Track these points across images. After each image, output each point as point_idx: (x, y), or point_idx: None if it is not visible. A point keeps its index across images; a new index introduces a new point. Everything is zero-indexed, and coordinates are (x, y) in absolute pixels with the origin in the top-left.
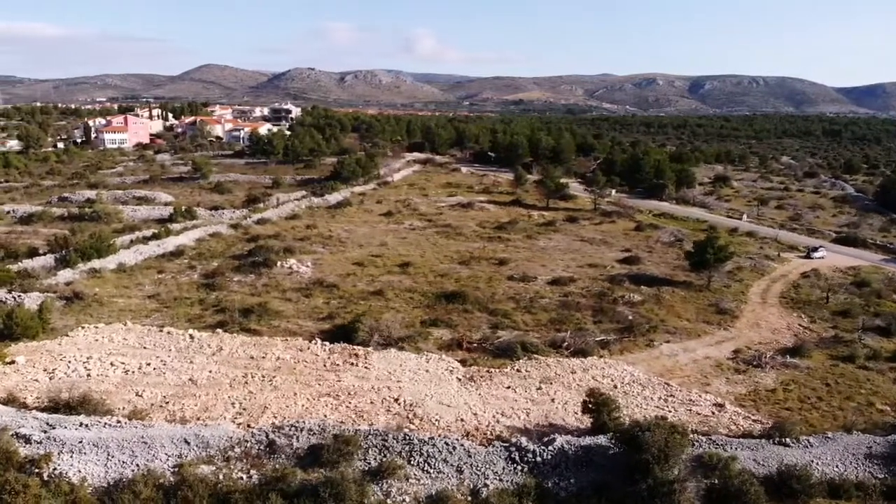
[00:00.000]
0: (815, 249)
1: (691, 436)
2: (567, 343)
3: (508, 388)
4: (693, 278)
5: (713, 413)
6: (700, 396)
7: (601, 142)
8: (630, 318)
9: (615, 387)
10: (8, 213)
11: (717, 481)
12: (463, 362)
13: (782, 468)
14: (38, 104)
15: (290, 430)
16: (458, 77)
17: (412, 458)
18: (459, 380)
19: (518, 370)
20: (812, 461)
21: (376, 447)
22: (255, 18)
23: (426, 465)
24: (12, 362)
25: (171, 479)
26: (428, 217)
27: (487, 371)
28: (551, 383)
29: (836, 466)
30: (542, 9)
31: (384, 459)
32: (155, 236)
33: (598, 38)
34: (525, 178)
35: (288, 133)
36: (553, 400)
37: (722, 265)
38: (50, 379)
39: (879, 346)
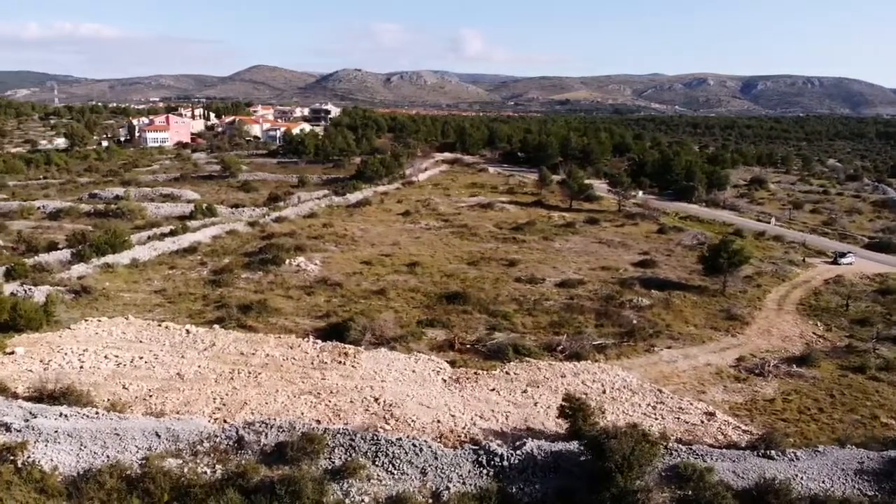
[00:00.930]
0: (844, 255)
1: (671, 445)
2: (562, 346)
3: (493, 390)
4: (708, 283)
5: (702, 422)
6: (691, 404)
7: (640, 142)
8: (634, 322)
9: (604, 392)
10: (38, 208)
11: (690, 493)
12: (452, 363)
13: (761, 481)
14: (93, 103)
15: (260, 426)
16: (504, 77)
17: (377, 459)
18: (445, 381)
19: (507, 372)
20: (796, 475)
21: (343, 446)
22: (305, 20)
23: (391, 465)
24: (12, 353)
25: (138, 470)
26: (445, 217)
27: (475, 373)
28: (538, 387)
29: (823, 482)
30: (593, 8)
31: (348, 459)
32: (172, 233)
33: (649, 37)
34: (550, 179)
35: (320, 133)
36: (536, 404)
37: (737, 270)
38: (44, 370)
39: (894, 357)
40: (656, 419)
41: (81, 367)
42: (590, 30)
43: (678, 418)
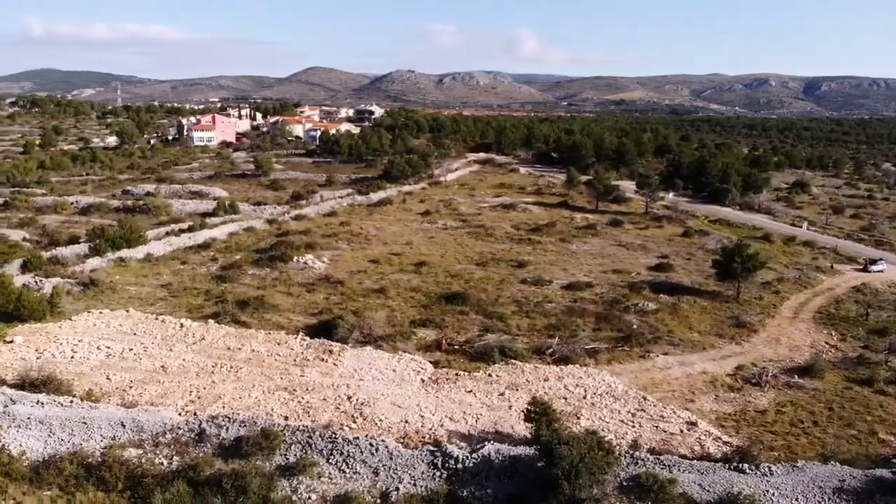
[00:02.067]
0: (875, 262)
1: (639, 454)
2: (552, 350)
3: (470, 391)
4: (723, 288)
5: (681, 431)
6: (674, 413)
7: (684, 144)
8: (635, 326)
9: (584, 397)
10: (72, 203)
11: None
12: (435, 364)
13: (726, 496)
14: (151, 103)
15: (222, 420)
16: (558, 77)
17: (332, 457)
18: (423, 381)
19: (489, 374)
20: (767, 491)
21: (300, 444)
22: (361, 23)
23: (344, 464)
24: (11, 341)
25: (99, 458)
26: (464, 217)
27: (456, 374)
28: (517, 390)
29: (796, 499)
30: (652, 7)
31: (302, 456)
32: (190, 229)
33: (708, 36)
34: (578, 180)
35: (356, 133)
36: (511, 407)
37: (752, 275)
38: (37, 359)
39: None
40: (633, 427)
41: (72, 357)
42: (648, 29)
43: (657, 427)
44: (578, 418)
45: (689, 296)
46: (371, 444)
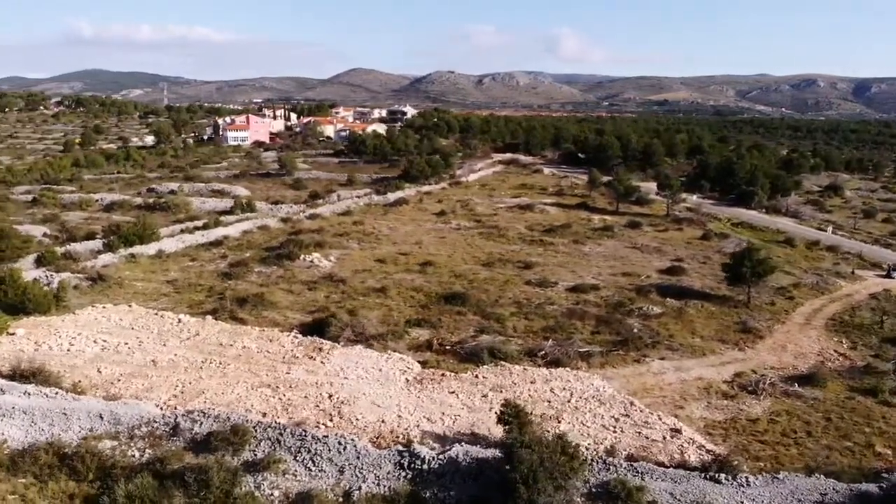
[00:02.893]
0: None
1: (613, 460)
2: (544, 352)
3: (452, 392)
4: (734, 293)
5: (664, 438)
6: (660, 419)
7: (723, 146)
8: (635, 330)
9: (569, 401)
10: (97, 201)
11: None
12: (423, 364)
13: None
14: (194, 104)
15: (197, 415)
16: (600, 77)
17: (299, 455)
18: (408, 381)
19: (476, 376)
20: (742, 502)
21: (270, 440)
22: (402, 24)
23: (311, 462)
24: (13, 333)
25: (74, 449)
26: (479, 218)
27: (442, 375)
28: (501, 392)
29: None
30: (697, 7)
31: (269, 452)
32: (204, 226)
33: (755, 36)
34: (600, 181)
35: (382, 133)
36: (491, 409)
37: (762, 280)
38: (34, 350)
39: None
40: (614, 432)
41: (69, 350)
42: (693, 28)
43: (639, 433)
44: (559, 422)
45: (698, 300)
46: (340, 443)
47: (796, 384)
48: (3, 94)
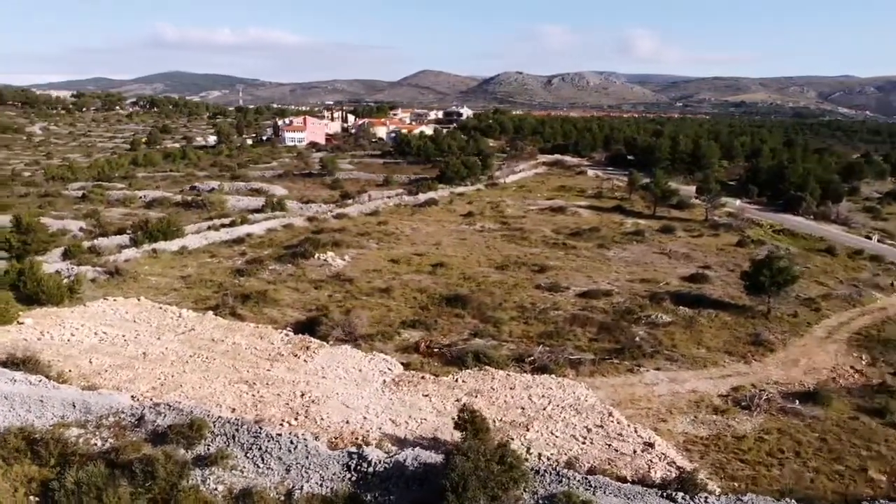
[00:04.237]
0: None
1: (567, 471)
2: (533, 358)
3: (426, 396)
4: (755, 303)
5: (634, 452)
6: (635, 432)
7: (790, 149)
8: (637, 339)
9: (544, 408)
10: (140, 198)
11: None
12: (406, 366)
13: None
14: (274, 105)
15: (163, 408)
16: (674, 77)
17: (250, 452)
18: (385, 382)
19: (456, 380)
20: None
21: (225, 435)
22: (471, 25)
23: (260, 459)
24: (22, 323)
25: (43, 435)
26: (506, 220)
27: (422, 377)
28: (477, 396)
29: None
30: (777, 4)
31: (220, 448)
32: (231, 224)
33: (838, 35)
34: (640, 183)
35: (428, 135)
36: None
37: (782, 290)
38: (37, 340)
39: None
40: (583, 443)
41: (68, 340)
42: (772, 27)
43: (609, 445)
44: (527, 430)
45: (715, 309)
46: (291, 442)
47: (797, 401)
48: (81, 95)
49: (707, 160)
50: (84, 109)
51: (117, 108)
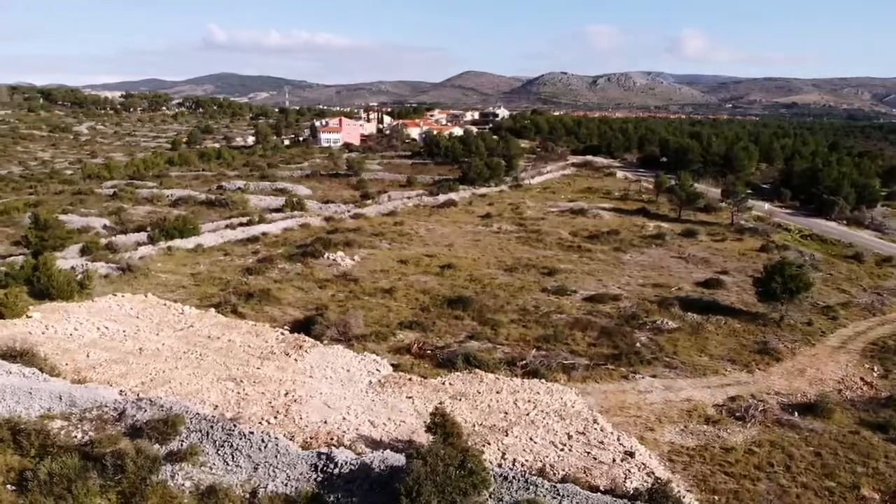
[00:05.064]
0: None
1: (536, 479)
2: (525, 362)
3: (409, 398)
4: (768, 310)
5: (613, 461)
6: (617, 440)
7: (834, 152)
8: (638, 345)
9: (527, 414)
10: (167, 196)
11: None
12: (396, 367)
13: None
14: (315, 106)
15: (145, 403)
16: (724, 78)
17: (221, 449)
18: (370, 383)
19: (443, 382)
20: None
21: (200, 432)
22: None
23: (230, 457)
24: (30, 317)
25: (28, 426)
26: (523, 222)
27: (409, 379)
28: (461, 399)
29: None
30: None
31: (192, 444)
32: (249, 222)
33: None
34: (666, 186)
35: (457, 136)
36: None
37: (795, 297)
38: (42, 333)
39: None
40: (562, 450)
41: (70, 335)
42: (827, 27)
43: (588, 453)
44: (506, 435)
45: (725, 316)
46: (263, 441)
47: (795, 413)
48: (130, 95)
49: (739, 162)
50: (131, 110)
51: (163, 108)
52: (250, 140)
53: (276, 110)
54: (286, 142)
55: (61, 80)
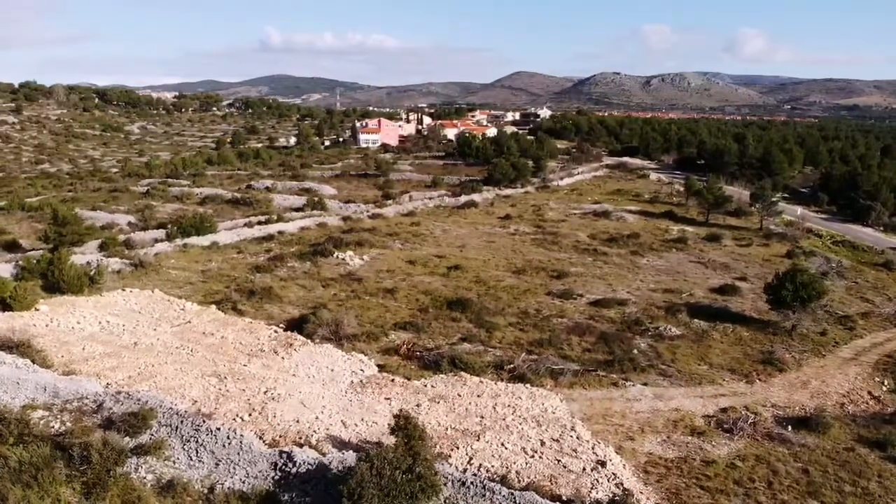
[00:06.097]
0: None
1: (495, 486)
2: (513, 366)
3: (388, 399)
4: (781, 319)
5: (583, 470)
6: (591, 449)
7: (889, 157)
8: (635, 351)
9: (504, 418)
10: (196, 194)
11: None
12: (381, 367)
13: None
14: (371, 108)
15: (123, 396)
16: (783, 79)
17: (187, 444)
18: (351, 383)
19: (425, 384)
20: None
21: (169, 426)
22: (572, 26)
23: (195, 452)
24: (38, 310)
25: (11, 415)
26: (542, 224)
27: (391, 380)
28: (439, 402)
29: None
30: None
31: (158, 438)
32: (267, 221)
33: None
34: (695, 188)
35: (490, 136)
36: (418, 418)
37: (807, 305)
38: (45, 326)
39: None
40: (531, 457)
41: (72, 328)
42: (891, 28)
43: (559, 461)
44: (477, 439)
45: (734, 323)
46: (228, 437)
47: (789, 426)
48: (182, 96)
49: (777, 165)
50: (182, 110)
51: (214, 108)
52: (292, 140)
53: (324, 111)
54: (326, 142)
55: (122, 81)
